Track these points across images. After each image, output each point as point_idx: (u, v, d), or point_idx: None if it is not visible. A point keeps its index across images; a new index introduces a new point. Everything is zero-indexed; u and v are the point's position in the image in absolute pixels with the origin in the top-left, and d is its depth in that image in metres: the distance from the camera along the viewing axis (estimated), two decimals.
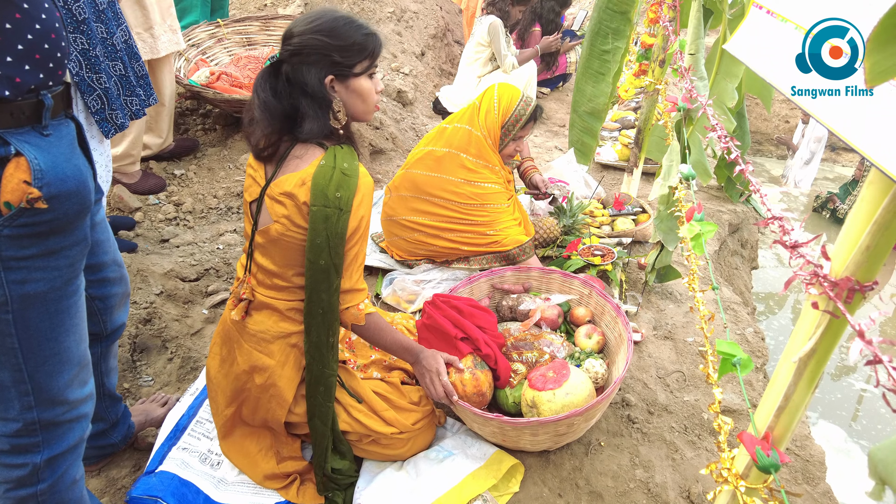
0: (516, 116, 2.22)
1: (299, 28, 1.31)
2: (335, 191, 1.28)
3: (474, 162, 2.26)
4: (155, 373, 1.96)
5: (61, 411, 1.16)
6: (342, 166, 1.30)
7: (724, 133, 1.34)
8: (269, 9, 4.47)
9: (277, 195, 1.33)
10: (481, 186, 2.26)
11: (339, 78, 1.33)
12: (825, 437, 3.13)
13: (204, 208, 2.80)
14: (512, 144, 2.29)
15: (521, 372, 1.75)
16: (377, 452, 1.60)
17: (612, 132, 3.94)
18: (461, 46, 5.61)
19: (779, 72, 0.92)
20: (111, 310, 1.44)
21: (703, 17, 1.95)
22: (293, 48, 1.30)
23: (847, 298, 0.77)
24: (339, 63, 1.31)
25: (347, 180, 1.30)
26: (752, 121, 6.46)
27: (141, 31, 2.47)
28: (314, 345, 1.42)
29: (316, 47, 1.29)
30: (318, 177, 1.29)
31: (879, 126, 0.71)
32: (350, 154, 1.35)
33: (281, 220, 1.33)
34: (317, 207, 1.28)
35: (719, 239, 3.13)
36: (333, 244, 1.30)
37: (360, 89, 1.37)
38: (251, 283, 1.46)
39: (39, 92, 1.02)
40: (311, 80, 1.29)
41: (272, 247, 1.38)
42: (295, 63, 1.30)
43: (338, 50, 1.30)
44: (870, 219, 0.75)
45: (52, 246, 1.06)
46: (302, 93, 1.31)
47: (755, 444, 0.95)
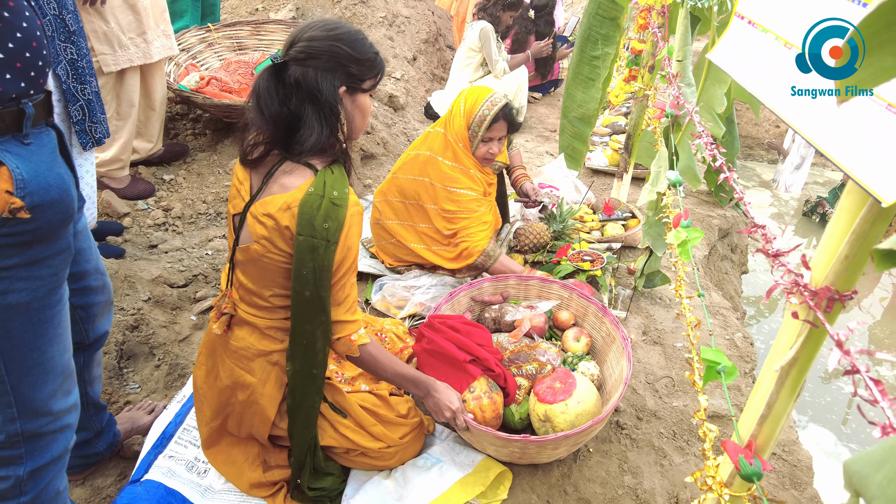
0: (480, 117, 2.17)
1: (315, 33, 1.25)
2: (323, 221, 1.22)
3: (451, 166, 2.25)
4: (142, 380, 1.94)
5: (45, 422, 1.15)
6: (331, 195, 1.24)
7: (711, 140, 1.35)
8: (260, 13, 4.46)
9: (260, 215, 1.27)
10: (457, 194, 2.23)
11: (349, 90, 1.30)
12: (814, 441, 3.14)
13: (193, 214, 2.79)
14: (483, 147, 2.23)
15: (524, 386, 1.74)
16: (365, 463, 1.59)
17: (602, 137, 3.95)
18: (453, 51, 5.63)
19: (760, 81, 0.92)
20: (94, 318, 1.42)
21: (690, 24, 1.96)
22: (306, 51, 1.23)
23: (827, 308, 0.78)
24: (353, 75, 1.28)
25: (337, 210, 1.23)
26: (742, 125, 6.50)
27: (134, 35, 2.47)
28: (297, 373, 1.38)
29: (336, 55, 1.24)
30: (306, 205, 1.22)
31: (854, 138, 0.71)
32: (341, 179, 1.28)
33: (261, 242, 1.28)
34: (303, 238, 1.23)
35: (709, 244, 3.14)
36: (319, 276, 1.25)
37: (364, 106, 1.35)
38: (233, 297, 1.43)
39: (20, 101, 1.01)
40: (326, 88, 1.23)
41: (251, 266, 1.34)
42: (307, 66, 1.23)
43: (355, 62, 1.27)
44: (848, 228, 0.75)
45: (35, 255, 1.05)
46: (310, 99, 1.24)
47: (738, 453, 0.95)
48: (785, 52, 0.85)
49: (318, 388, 1.41)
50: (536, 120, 4.76)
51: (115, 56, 2.41)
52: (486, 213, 2.31)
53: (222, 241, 2.61)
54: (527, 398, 1.72)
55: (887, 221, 0.71)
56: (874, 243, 0.73)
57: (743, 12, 1.00)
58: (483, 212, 2.28)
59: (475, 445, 1.66)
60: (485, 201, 2.30)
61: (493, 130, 2.20)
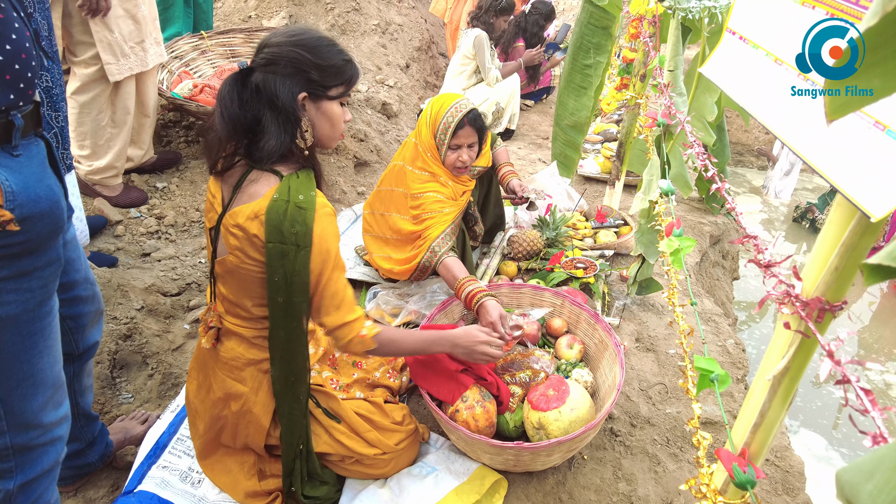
0: (445, 125, 2.09)
1: (278, 39, 1.26)
2: (290, 226, 1.21)
3: (418, 175, 2.20)
4: (135, 389, 1.93)
5: (35, 435, 1.14)
6: (297, 199, 1.23)
7: (702, 150, 1.36)
8: (253, 21, 4.47)
9: (231, 227, 1.26)
10: (422, 196, 2.17)
11: (311, 97, 1.29)
12: (806, 446, 3.16)
13: (186, 221, 2.78)
14: (451, 154, 2.15)
15: (517, 394, 1.75)
16: (360, 472, 1.59)
17: (594, 145, 3.98)
18: (446, 59, 5.65)
19: (752, 96, 0.94)
20: (83, 329, 1.41)
21: (681, 34, 1.98)
22: (268, 57, 1.24)
23: (818, 318, 0.79)
24: (314, 81, 1.27)
25: (303, 214, 1.22)
26: (733, 132, 6.56)
27: (133, 44, 2.47)
28: (276, 379, 1.39)
29: (294, 60, 1.24)
30: (272, 212, 1.21)
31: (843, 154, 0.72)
32: (306, 182, 1.27)
33: (235, 253, 1.27)
34: (272, 244, 1.22)
35: (700, 251, 3.16)
36: (291, 281, 1.24)
37: (331, 113, 1.32)
38: (218, 310, 1.43)
39: (9, 112, 1.00)
40: (283, 93, 1.23)
41: (229, 277, 1.33)
42: (268, 72, 1.23)
43: (316, 68, 1.26)
44: (838, 240, 0.76)
45: (25, 267, 1.04)
46: (269, 105, 1.24)
47: (732, 461, 0.96)
48: (776, 68, 0.86)
49: (295, 395, 1.40)
50: (529, 128, 4.78)
51: (118, 65, 2.42)
52: (453, 213, 2.21)
53: None
54: (521, 406, 1.72)
55: (875, 233, 0.72)
56: (863, 255, 0.74)
57: (734, 28, 1.02)
58: (449, 212, 2.19)
59: (470, 454, 1.66)
60: (450, 203, 2.22)
61: (460, 137, 2.12)
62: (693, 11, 1.80)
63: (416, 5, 5.77)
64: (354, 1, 4.78)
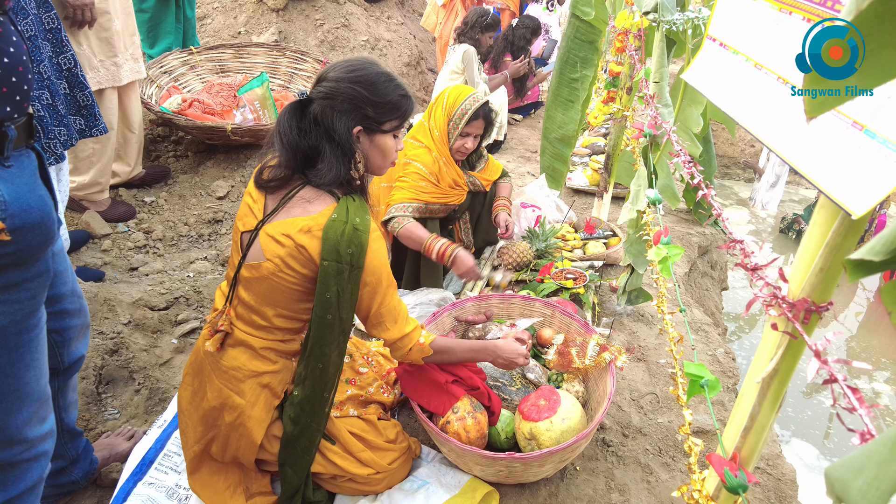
0: (462, 111, 2.26)
1: (337, 74, 1.32)
2: (347, 247, 1.27)
3: (412, 143, 2.33)
4: (121, 405, 1.90)
5: (19, 451, 1.12)
6: (354, 221, 1.29)
7: (688, 159, 1.38)
8: (242, 37, 4.49)
9: (277, 234, 1.30)
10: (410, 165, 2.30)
11: (366, 131, 1.35)
12: (797, 456, 3.17)
13: (174, 236, 2.77)
14: (459, 140, 2.31)
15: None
16: (352, 489, 1.57)
17: (582, 157, 4.01)
18: (435, 74, 5.70)
19: (733, 100, 0.95)
20: (69, 343, 1.39)
21: (666, 46, 2.01)
22: (326, 91, 1.31)
23: (804, 319, 0.80)
24: (370, 117, 1.33)
25: (360, 235, 1.28)
26: (719, 145, 6.64)
27: (104, 58, 2.46)
28: (307, 398, 1.39)
29: (351, 97, 1.30)
30: (330, 231, 1.27)
31: (824, 154, 0.73)
32: (362, 208, 1.34)
33: (274, 260, 1.30)
34: (328, 262, 1.27)
35: (689, 261, 3.18)
36: (343, 299, 1.30)
37: (383, 146, 1.39)
38: (230, 315, 1.42)
39: (3, 124, 1.00)
40: (340, 128, 1.29)
41: (258, 283, 1.35)
42: (325, 106, 1.30)
43: (372, 105, 1.32)
44: (822, 242, 0.77)
45: (14, 279, 1.03)
46: (327, 137, 1.31)
47: (724, 465, 0.96)
48: (755, 72, 0.88)
49: (327, 412, 1.43)
50: (517, 141, 4.82)
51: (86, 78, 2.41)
52: (428, 194, 2.30)
53: (204, 264, 2.58)
54: (512, 416, 1.71)
55: (858, 234, 0.73)
56: (847, 255, 0.75)
57: (714, 34, 1.04)
58: (424, 188, 2.29)
59: (461, 466, 1.65)
60: (431, 186, 2.31)
61: (472, 126, 2.29)
62: (677, 24, 1.83)
63: (405, 21, 5.83)
64: (344, 17, 4.82)
